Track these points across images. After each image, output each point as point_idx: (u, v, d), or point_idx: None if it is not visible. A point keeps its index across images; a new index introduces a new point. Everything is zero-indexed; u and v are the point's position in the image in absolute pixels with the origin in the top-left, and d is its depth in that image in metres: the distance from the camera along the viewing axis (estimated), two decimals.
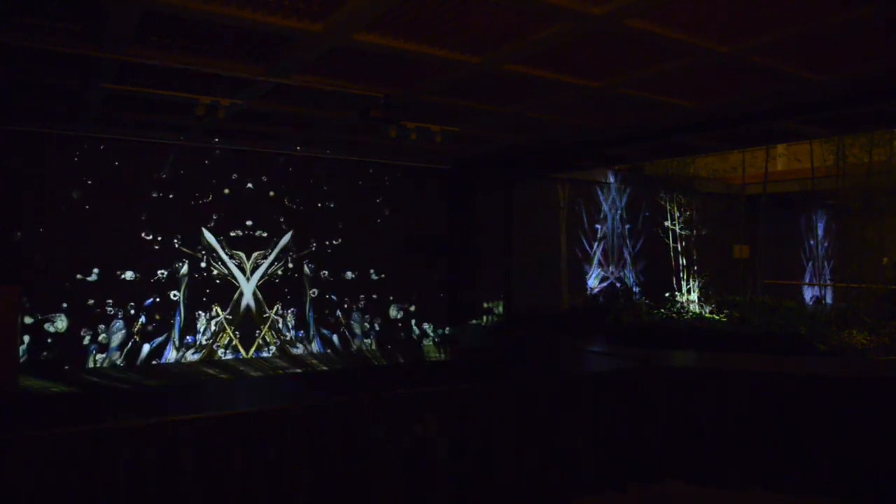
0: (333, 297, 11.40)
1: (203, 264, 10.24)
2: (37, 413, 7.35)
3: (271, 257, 10.82)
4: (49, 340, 9.09)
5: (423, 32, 5.37)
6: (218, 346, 10.33)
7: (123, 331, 9.62)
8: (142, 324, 9.75)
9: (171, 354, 9.95)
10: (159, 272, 9.88)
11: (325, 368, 10.13)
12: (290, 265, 11.01)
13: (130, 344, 9.65)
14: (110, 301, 9.53)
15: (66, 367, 9.15)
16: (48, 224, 9.12)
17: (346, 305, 11.54)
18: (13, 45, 5.55)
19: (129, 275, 9.67)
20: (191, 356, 10.10)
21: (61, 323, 9.18)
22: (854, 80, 6.63)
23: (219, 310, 10.36)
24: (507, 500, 6.26)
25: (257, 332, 10.69)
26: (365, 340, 11.72)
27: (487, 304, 12.57)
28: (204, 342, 10.22)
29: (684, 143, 9.87)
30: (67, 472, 4.39)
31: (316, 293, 11.24)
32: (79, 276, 9.30)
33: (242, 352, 10.53)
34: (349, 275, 11.56)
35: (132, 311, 9.68)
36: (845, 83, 6.75)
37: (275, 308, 10.86)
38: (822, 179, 13.51)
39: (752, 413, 6.94)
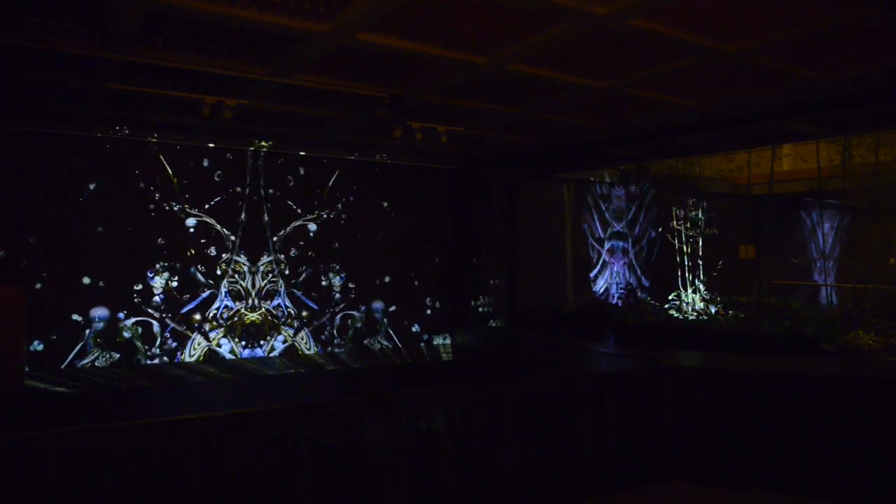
0: (337, 297, 11.41)
1: (207, 264, 10.28)
2: (45, 411, 7.37)
3: (276, 255, 10.84)
4: (55, 340, 9.15)
5: (428, 33, 5.37)
6: (224, 347, 10.37)
7: (132, 329, 9.65)
8: (148, 323, 9.78)
9: (178, 355, 10.00)
10: (165, 271, 9.92)
11: (329, 368, 10.15)
12: (295, 265, 11.03)
13: (138, 344, 9.69)
14: (115, 301, 9.56)
15: (67, 368, 9.20)
16: (54, 224, 9.16)
17: (348, 305, 11.55)
18: (18, 46, 5.57)
19: (134, 274, 9.71)
20: (194, 356, 10.14)
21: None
22: (861, 80, 6.60)
23: (224, 310, 10.39)
24: (513, 501, 6.25)
25: (261, 332, 10.72)
26: (369, 340, 11.73)
27: (492, 304, 12.56)
28: (210, 342, 10.25)
29: (690, 143, 9.84)
30: (73, 470, 4.40)
31: (320, 291, 11.26)
32: (85, 276, 9.34)
33: (248, 351, 10.56)
34: (352, 274, 11.57)
35: (138, 312, 9.72)
36: (852, 83, 6.72)
37: (279, 307, 10.88)
38: (828, 179, 13.45)
39: (757, 413, 6.91)
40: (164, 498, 4.68)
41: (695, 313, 12.20)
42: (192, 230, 10.14)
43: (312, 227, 11.20)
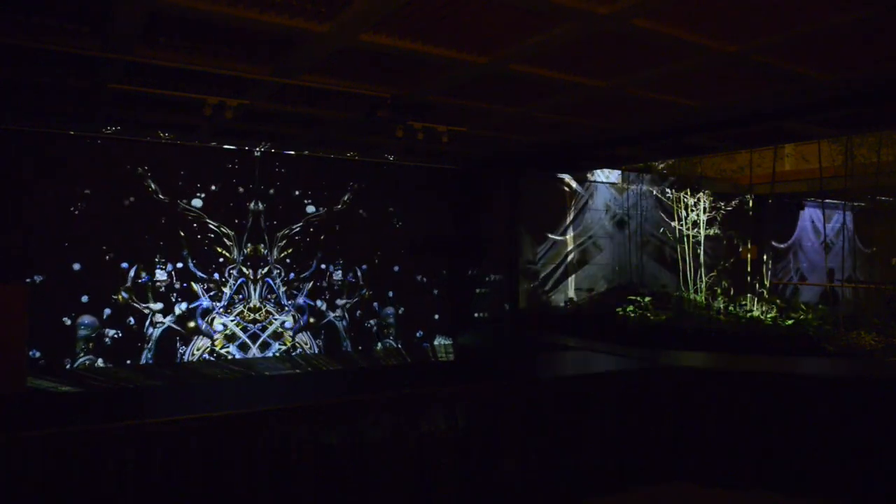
0: (337, 298, 11.41)
1: (208, 264, 10.28)
2: (45, 412, 7.36)
3: (277, 255, 10.85)
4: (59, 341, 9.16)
5: (430, 33, 5.37)
6: (225, 346, 10.37)
7: (135, 330, 9.67)
8: (150, 325, 9.79)
9: (178, 355, 10.01)
10: (167, 272, 9.93)
11: (331, 368, 10.16)
12: (297, 265, 11.03)
13: (139, 344, 9.71)
14: (118, 301, 9.57)
15: (66, 369, 9.21)
16: (55, 225, 9.16)
17: (349, 305, 11.55)
18: (20, 46, 5.58)
19: (135, 274, 9.72)
20: (195, 356, 10.15)
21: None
22: (864, 80, 6.59)
23: (225, 310, 10.40)
24: (514, 502, 6.25)
25: (262, 331, 10.72)
26: (370, 341, 11.73)
27: (493, 304, 12.55)
28: (212, 343, 10.26)
29: (693, 143, 9.83)
30: (73, 471, 4.41)
31: (321, 291, 11.26)
32: (85, 276, 9.35)
33: (249, 351, 10.57)
34: (353, 274, 11.57)
35: (140, 311, 9.73)
36: (855, 83, 6.71)
37: (280, 307, 10.88)
38: (830, 179, 13.43)
39: (759, 414, 6.91)
40: (163, 498, 4.68)
41: (696, 313, 12.17)
42: (192, 230, 10.14)
43: (314, 227, 11.20)
